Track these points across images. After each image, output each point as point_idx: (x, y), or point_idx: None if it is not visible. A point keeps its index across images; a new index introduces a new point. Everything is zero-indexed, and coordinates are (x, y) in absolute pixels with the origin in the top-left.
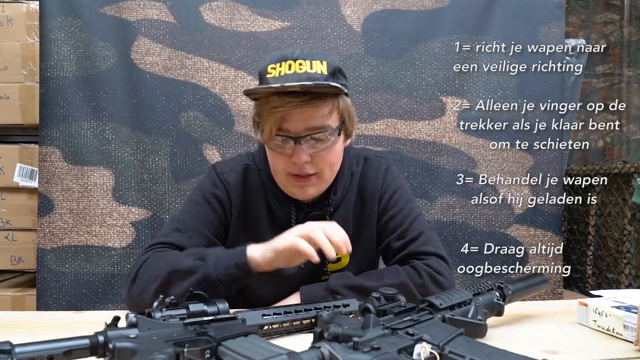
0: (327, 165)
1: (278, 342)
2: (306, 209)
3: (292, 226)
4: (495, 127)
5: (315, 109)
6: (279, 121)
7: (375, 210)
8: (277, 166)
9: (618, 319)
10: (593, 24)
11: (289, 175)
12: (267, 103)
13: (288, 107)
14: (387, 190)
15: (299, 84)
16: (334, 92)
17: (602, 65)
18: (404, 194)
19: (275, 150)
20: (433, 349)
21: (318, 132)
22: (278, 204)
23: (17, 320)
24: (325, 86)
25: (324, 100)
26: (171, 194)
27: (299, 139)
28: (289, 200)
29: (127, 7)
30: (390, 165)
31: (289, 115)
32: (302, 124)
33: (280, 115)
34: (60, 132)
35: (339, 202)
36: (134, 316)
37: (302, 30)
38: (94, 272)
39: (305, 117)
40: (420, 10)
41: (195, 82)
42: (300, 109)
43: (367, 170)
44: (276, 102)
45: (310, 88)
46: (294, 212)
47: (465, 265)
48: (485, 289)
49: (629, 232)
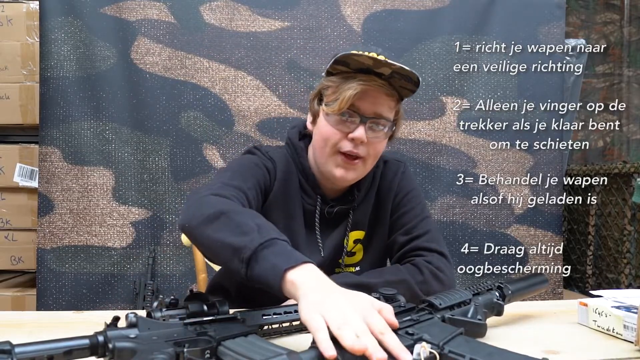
0: (373, 154)
1: (278, 342)
2: (331, 203)
3: (317, 218)
4: (495, 127)
5: (388, 97)
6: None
7: (389, 210)
8: (331, 140)
9: (618, 319)
10: (593, 24)
11: (338, 153)
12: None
13: (373, 84)
14: (401, 190)
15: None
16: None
17: (602, 65)
18: (417, 196)
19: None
20: (433, 348)
21: (382, 118)
22: (306, 196)
23: (17, 320)
24: (415, 75)
25: (396, 94)
26: (171, 194)
27: (366, 119)
28: (316, 193)
29: (127, 7)
30: (407, 169)
31: (366, 95)
32: (373, 107)
33: (364, 88)
34: (60, 132)
35: (361, 199)
36: (134, 316)
37: (302, 30)
38: (94, 272)
39: (378, 102)
40: (420, 10)
41: (195, 82)
42: (379, 92)
43: (386, 172)
44: (363, 77)
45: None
46: (319, 204)
47: (465, 265)
48: (485, 288)
49: (629, 232)
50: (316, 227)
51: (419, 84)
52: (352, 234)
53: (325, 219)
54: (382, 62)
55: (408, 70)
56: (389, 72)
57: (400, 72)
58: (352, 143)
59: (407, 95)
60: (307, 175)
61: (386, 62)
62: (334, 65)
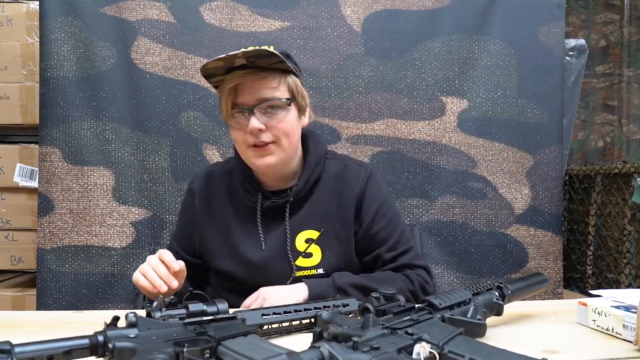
0: (282, 134)
1: (278, 342)
2: (271, 198)
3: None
4: (495, 127)
5: (263, 80)
6: (233, 95)
7: (352, 212)
8: (239, 141)
9: (617, 319)
10: (593, 24)
11: (249, 147)
12: (222, 83)
13: (236, 78)
14: (372, 200)
15: (241, 50)
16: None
17: (602, 65)
18: (391, 206)
19: (235, 126)
20: (432, 348)
21: (267, 101)
22: (247, 194)
23: (17, 320)
24: (264, 52)
25: (270, 73)
26: (171, 194)
27: (252, 109)
28: (256, 190)
29: (127, 7)
30: (372, 174)
31: (240, 89)
32: (253, 95)
33: (232, 85)
34: (60, 132)
35: (303, 194)
36: (134, 316)
37: (302, 30)
38: (94, 272)
39: (254, 89)
40: (420, 10)
41: (195, 82)
42: (250, 81)
43: (346, 175)
44: (228, 77)
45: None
46: (259, 200)
47: (465, 265)
48: (485, 288)
49: (629, 232)
50: (258, 222)
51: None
52: (303, 233)
53: (268, 215)
54: (233, 56)
55: (256, 50)
56: (245, 61)
57: (252, 55)
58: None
59: (285, 67)
60: (246, 176)
61: (233, 54)
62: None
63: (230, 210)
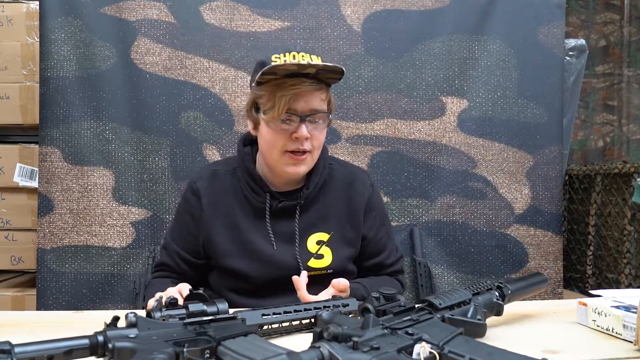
0: (317, 145)
1: (278, 342)
2: (280, 199)
3: (266, 214)
4: (495, 127)
5: (319, 92)
6: (291, 100)
7: (361, 217)
8: (276, 144)
9: (617, 319)
10: (593, 24)
11: (285, 153)
12: (282, 83)
13: (303, 86)
14: (377, 210)
15: (322, 63)
16: (337, 78)
17: (602, 65)
18: (387, 217)
19: (278, 128)
20: (432, 348)
21: (319, 113)
22: (255, 195)
23: (17, 320)
24: (337, 69)
25: (323, 86)
26: (171, 194)
27: (305, 117)
28: (264, 191)
29: (127, 7)
30: (374, 183)
31: (299, 96)
32: (307, 104)
33: (296, 92)
34: (60, 132)
35: (313, 197)
36: (134, 316)
37: (302, 30)
38: (94, 272)
39: (310, 99)
40: (420, 10)
41: (195, 82)
42: (310, 91)
43: (353, 180)
44: (292, 81)
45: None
46: (268, 201)
47: (465, 265)
48: (485, 288)
49: (629, 232)
50: (267, 222)
51: (343, 72)
52: (314, 236)
53: (277, 214)
54: (306, 66)
55: (332, 66)
56: (315, 71)
57: (325, 69)
58: (297, 141)
59: (334, 82)
60: (253, 177)
61: (310, 64)
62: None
63: (238, 209)
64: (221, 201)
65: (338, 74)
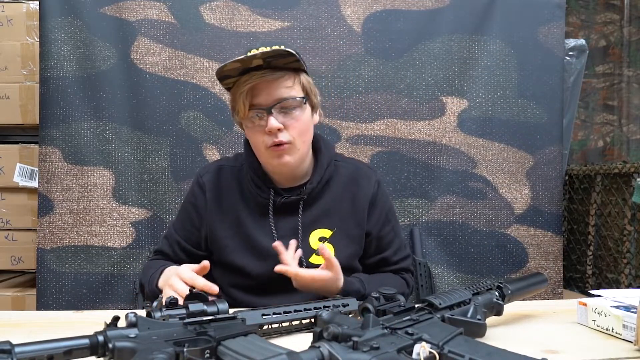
0: (298, 134)
1: (278, 342)
2: (283, 195)
3: (270, 209)
4: (495, 127)
5: (279, 80)
6: (250, 96)
7: (365, 214)
8: (257, 142)
9: (617, 319)
10: (593, 24)
11: (268, 148)
12: (238, 83)
13: (254, 79)
14: (382, 206)
15: (260, 51)
16: (294, 64)
17: (602, 65)
18: (394, 213)
19: (252, 127)
20: (432, 348)
21: (284, 100)
22: (258, 191)
23: (17, 320)
24: (283, 52)
25: (285, 73)
26: (171, 194)
27: (270, 109)
28: (268, 187)
29: (127, 7)
30: (380, 180)
31: (257, 90)
32: (269, 95)
33: (249, 86)
34: (60, 132)
35: (317, 192)
36: (134, 316)
37: (302, 30)
38: (94, 272)
39: (271, 89)
40: (420, 10)
41: (195, 82)
42: (266, 81)
43: (358, 176)
44: (244, 78)
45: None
46: (272, 197)
47: (465, 265)
48: (485, 288)
49: (629, 232)
50: (270, 217)
51: (293, 54)
52: (317, 232)
53: (280, 211)
54: (249, 58)
55: (271, 50)
56: (262, 62)
57: (269, 55)
58: (272, 134)
59: (298, 66)
60: (258, 173)
61: (251, 55)
62: (223, 83)
63: (242, 205)
64: (225, 196)
65: (289, 56)
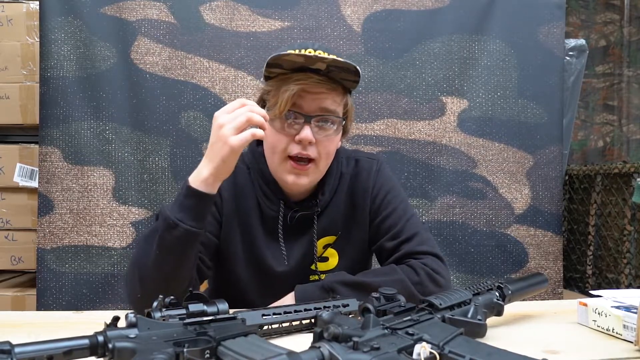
0: (325, 154)
1: (278, 342)
2: (294, 208)
3: (279, 225)
4: (495, 127)
5: (331, 92)
6: (296, 97)
7: (367, 212)
8: (278, 146)
9: (618, 319)
10: (593, 24)
11: (287, 159)
12: (288, 77)
13: (310, 81)
14: (379, 191)
15: (330, 57)
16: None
17: (602, 65)
18: (398, 195)
19: (279, 128)
20: (433, 348)
21: (328, 114)
22: (268, 202)
23: (17, 320)
24: (350, 66)
25: (338, 86)
26: (171, 194)
27: (310, 118)
28: (278, 198)
29: (127, 7)
30: (382, 167)
31: (306, 93)
32: (316, 103)
33: (301, 87)
34: (60, 132)
35: (326, 202)
36: (134, 316)
37: (302, 30)
38: (94, 272)
39: (320, 97)
40: (420, 10)
41: (195, 82)
42: (319, 88)
43: (358, 171)
44: (299, 76)
45: (338, 63)
46: (282, 210)
47: (465, 265)
48: (485, 288)
49: (629, 232)
50: (279, 234)
51: (359, 73)
52: (322, 240)
53: (290, 225)
54: (314, 58)
55: (343, 62)
56: (325, 67)
57: (337, 65)
58: (300, 145)
59: (352, 86)
60: (267, 181)
61: (318, 57)
62: (268, 69)
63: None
64: (241, 200)
65: (352, 74)
